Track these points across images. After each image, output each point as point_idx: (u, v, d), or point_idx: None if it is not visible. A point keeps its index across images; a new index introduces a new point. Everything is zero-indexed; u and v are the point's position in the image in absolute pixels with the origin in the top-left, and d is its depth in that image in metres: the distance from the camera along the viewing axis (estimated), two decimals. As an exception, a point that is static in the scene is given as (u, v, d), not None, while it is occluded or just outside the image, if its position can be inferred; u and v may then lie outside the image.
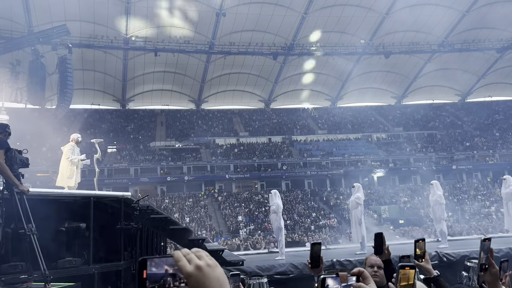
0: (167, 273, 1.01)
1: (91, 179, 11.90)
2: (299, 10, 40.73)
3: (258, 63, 45.73)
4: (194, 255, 1.04)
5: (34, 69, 20.24)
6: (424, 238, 2.84)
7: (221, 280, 1.04)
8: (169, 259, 1.02)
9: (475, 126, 49.20)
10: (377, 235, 2.93)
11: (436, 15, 40.58)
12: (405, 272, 1.66)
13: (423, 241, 2.72)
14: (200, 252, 1.06)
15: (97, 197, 7.07)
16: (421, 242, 2.69)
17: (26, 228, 4.97)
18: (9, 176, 5.18)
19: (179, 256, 1.03)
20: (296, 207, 37.08)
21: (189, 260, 1.03)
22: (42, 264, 4.91)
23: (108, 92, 46.51)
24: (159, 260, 1.01)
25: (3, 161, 5.13)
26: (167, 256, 1.03)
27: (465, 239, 14.74)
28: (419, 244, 2.69)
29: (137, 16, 38.26)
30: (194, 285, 1.01)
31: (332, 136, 47.95)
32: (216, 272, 1.04)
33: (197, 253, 1.06)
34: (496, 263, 2.02)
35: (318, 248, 2.89)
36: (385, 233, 11.03)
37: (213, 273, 1.03)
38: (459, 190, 40.72)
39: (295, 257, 10.29)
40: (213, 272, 1.03)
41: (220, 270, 1.06)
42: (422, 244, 2.69)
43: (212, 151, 44.49)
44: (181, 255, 1.03)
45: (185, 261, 1.02)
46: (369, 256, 3.37)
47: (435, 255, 8.78)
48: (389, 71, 48.82)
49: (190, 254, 1.04)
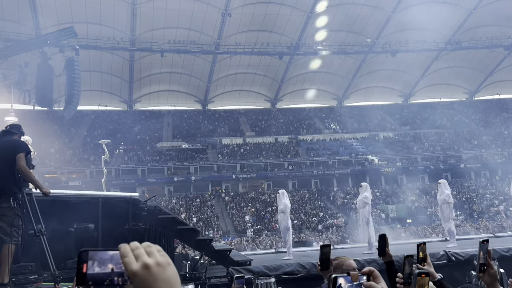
0: (113, 271, 0.88)
1: (99, 180, 11.99)
2: (304, 9, 40.65)
3: (264, 63, 45.73)
4: (143, 250, 0.90)
5: (42, 71, 20.38)
6: (425, 242, 2.82)
7: (172, 283, 0.89)
8: (115, 254, 0.89)
9: (483, 124, 48.79)
10: (381, 237, 2.93)
11: (443, 13, 40.25)
12: (422, 279, 1.74)
13: (425, 244, 2.72)
14: (152, 247, 0.92)
15: (105, 198, 7.13)
16: (423, 246, 2.69)
17: (36, 229, 5.01)
18: (32, 179, 5.20)
19: (125, 250, 0.89)
20: (303, 206, 37.03)
21: (137, 256, 0.89)
22: (52, 265, 4.96)
23: (115, 93, 46.77)
24: (103, 254, 0.89)
25: (23, 164, 5.12)
26: (114, 249, 0.90)
27: (473, 238, 14.62)
28: (422, 248, 2.68)
29: (143, 17, 38.41)
30: (139, 286, 0.86)
31: (338, 135, 47.81)
32: (167, 272, 0.89)
33: (148, 248, 0.91)
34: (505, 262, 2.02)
35: (328, 250, 2.90)
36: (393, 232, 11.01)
37: (163, 274, 0.88)
38: (467, 189, 40.42)
39: (302, 257, 10.29)
40: (163, 272, 0.88)
41: (172, 270, 0.90)
42: (425, 248, 2.69)
43: (219, 151, 44.56)
44: (128, 250, 0.89)
45: (131, 257, 0.88)
46: (345, 261, 3.28)
47: (444, 255, 8.72)
48: (396, 69, 48.55)
49: (139, 249, 0.90)
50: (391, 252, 2.93)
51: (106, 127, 45.18)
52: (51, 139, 41.10)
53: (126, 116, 47.76)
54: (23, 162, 5.11)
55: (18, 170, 5.09)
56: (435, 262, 8.51)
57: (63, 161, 39.61)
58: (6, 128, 5.54)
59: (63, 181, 36.03)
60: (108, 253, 0.89)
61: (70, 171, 39.02)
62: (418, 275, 1.77)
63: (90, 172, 38.53)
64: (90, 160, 39.61)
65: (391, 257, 2.93)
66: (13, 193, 5.00)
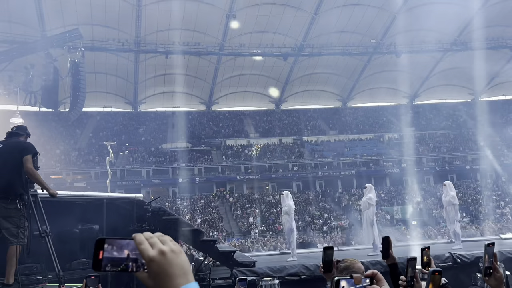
0: (128, 257, 0.95)
1: (104, 181, 12.04)
2: (309, 10, 40.63)
3: (268, 64, 45.72)
4: (157, 239, 0.98)
5: (48, 73, 20.52)
6: (429, 246, 2.82)
7: (185, 268, 0.97)
8: (131, 242, 0.96)
9: (489, 125, 48.47)
10: (384, 239, 2.91)
11: (448, 14, 40.07)
12: (435, 277, 1.78)
13: (429, 249, 2.72)
14: (164, 236, 1.00)
15: (110, 199, 7.16)
16: (427, 250, 2.69)
17: (41, 230, 5.04)
18: (39, 180, 5.23)
19: (140, 239, 0.96)
20: (307, 208, 36.96)
21: (152, 244, 0.96)
22: (57, 266, 4.98)
23: (120, 94, 46.94)
24: (120, 242, 0.95)
25: (31, 166, 5.16)
26: (129, 239, 0.97)
27: (479, 240, 14.52)
28: (426, 252, 2.68)
29: (148, 19, 38.54)
30: (155, 271, 0.94)
31: (343, 136, 47.70)
32: (181, 258, 0.97)
33: (161, 237, 0.99)
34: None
35: (331, 252, 2.89)
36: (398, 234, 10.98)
37: (177, 260, 0.96)
38: (473, 191, 40.17)
39: (306, 258, 10.27)
40: (177, 258, 0.96)
41: (184, 257, 0.99)
42: (429, 252, 2.69)
43: (223, 152, 44.60)
44: (143, 239, 0.96)
45: (147, 245, 0.96)
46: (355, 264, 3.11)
47: (449, 257, 8.68)
48: (401, 70, 48.36)
49: (153, 238, 0.98)
50: (394, 255, 2.92)
51: (111, 128, 45.38)
52: (57, 140, 41.39)
53: (131, 118, 47.93)
54: (30, 164, 5.14)
55: (25, 172, 5.12)
56: (440, 264, 8.46)
57: (68, 162, 39.83)
58: (12, 129, 5.57)
59: (68, 182, 36.21)
60: (124, 240, 0.96)
61: (75, 172, 39.20)
62: (432, 273, 1.80)
63: (95, 173, 38.70)
64: (95, 162, 39.78)
65: (395, 259, 2.91)
66: (19, 195, 5.03)
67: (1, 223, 4.98)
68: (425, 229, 29.16)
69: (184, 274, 0.95)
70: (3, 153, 5.23)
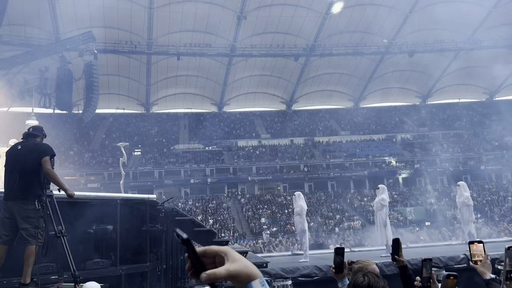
0: None
1: (117, 182, 12.16)
2: (320, 10, 40.50)
3: (279, 64, 45.69)
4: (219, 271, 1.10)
5: (62, 76, 20.83)
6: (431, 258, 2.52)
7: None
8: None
9: (504, 125, 47.65)
10: (394, 241, 2.89)
11: (462, 12, 39.58)
12: (451, 281, 1.78)
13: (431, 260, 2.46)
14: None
15: (123, 200, 7.22)
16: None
17: (57, 230, 5.11)
18: (58, 181, 5.31)
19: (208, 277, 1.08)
20: (319, 209, 36.81)
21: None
22: (72, 265, 5.05)
23: (132, 96, 47.37)
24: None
25: (49, 167, 5.24)
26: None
27: (494, 242, 14.30)
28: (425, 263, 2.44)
29: (159, 21, 38.84)
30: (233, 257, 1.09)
31: (355, 137, 47.41)
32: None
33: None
34: None
35: (342, 253, 2.88)
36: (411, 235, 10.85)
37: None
38: (488, 191, 39.56)
39: (319, 259, 10.24)
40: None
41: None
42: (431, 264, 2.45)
43: (235, 153, 44.68)
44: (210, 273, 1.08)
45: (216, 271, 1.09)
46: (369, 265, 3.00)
47: (464, 258, 8.57)
48: (413, 70, 47.90)
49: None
50: (403, 257, 2.90)
51: (124, 130, 45.81)
52: (70, 142, 41.95)
53: (143, 119, 48.32)
54: (49, 166, 5.21)
55: (44, 173, 5.20)
56: (455, 266, 8.36)
57: (82, 164, 40.31)
58: (28, 130, 5.66)
59: (82, 184, 36.64)
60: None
61: (88, 174, 39.65)
62: (447, 277, 1.78)
63: (108, 175, 39.09)
64: (108, 163, 40.18)
65: (404, 261, 2.89)
66: (38, 196, 5.11)
67: (20, 224, 5.06)
68: (439, 229, 28.82)
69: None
70: (22, 155, 5.32)
